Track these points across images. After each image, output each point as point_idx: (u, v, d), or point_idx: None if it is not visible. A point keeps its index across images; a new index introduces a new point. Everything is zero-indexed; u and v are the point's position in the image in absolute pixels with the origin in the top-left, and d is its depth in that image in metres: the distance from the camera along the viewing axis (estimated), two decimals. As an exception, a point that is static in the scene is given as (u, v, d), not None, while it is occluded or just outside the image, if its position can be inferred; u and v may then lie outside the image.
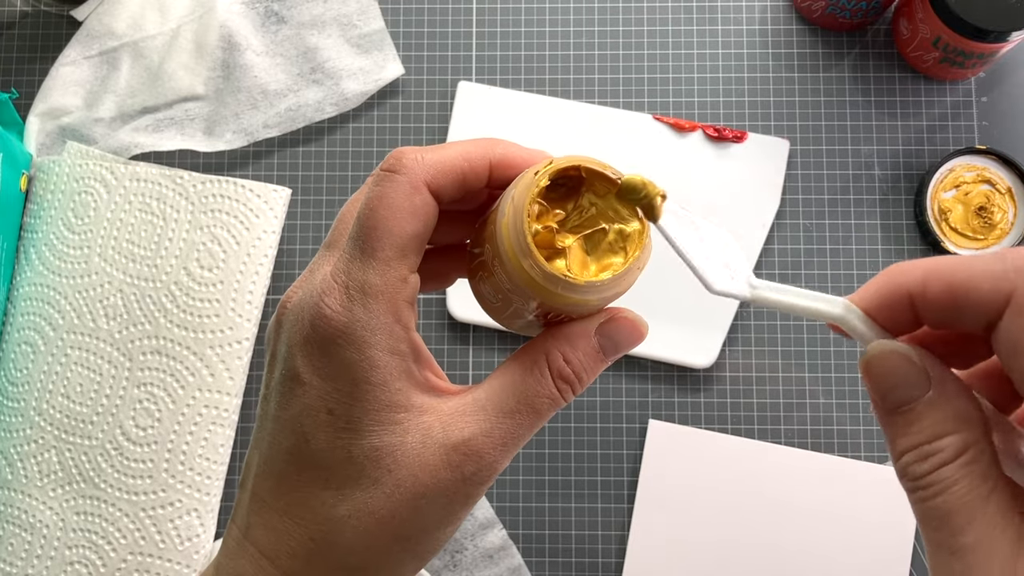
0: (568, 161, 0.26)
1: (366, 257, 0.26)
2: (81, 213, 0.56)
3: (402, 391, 0.26)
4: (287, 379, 0.27)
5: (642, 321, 0.29)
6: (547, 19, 0.59)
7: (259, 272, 0.54)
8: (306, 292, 0.27)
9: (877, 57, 0.58)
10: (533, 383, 0.27)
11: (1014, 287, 0.22)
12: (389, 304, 0.26)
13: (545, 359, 0.28)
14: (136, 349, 0.54)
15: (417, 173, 0.27)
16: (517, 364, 0.28)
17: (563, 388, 0.28)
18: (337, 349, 0.26)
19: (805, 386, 0.55)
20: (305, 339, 0.26)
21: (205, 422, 0.53)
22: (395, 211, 0.26)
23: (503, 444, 0.27)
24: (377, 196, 0.27)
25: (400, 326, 0.26)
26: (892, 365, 0.24)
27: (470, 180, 0.28)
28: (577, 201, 0.27)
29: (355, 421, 0.26)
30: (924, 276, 0.24)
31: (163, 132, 0.58)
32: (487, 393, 0.27)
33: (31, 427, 0.54)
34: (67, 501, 0.53)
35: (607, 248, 0.27)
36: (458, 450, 0.26)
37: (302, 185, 0.58)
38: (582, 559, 0.54)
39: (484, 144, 0.28)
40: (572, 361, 0.28)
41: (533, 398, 0.27)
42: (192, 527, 0.52)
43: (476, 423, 0.27)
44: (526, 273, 0.26)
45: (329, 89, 0.58)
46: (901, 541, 0.53)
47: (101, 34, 0.59)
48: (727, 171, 0.56)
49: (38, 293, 0.55)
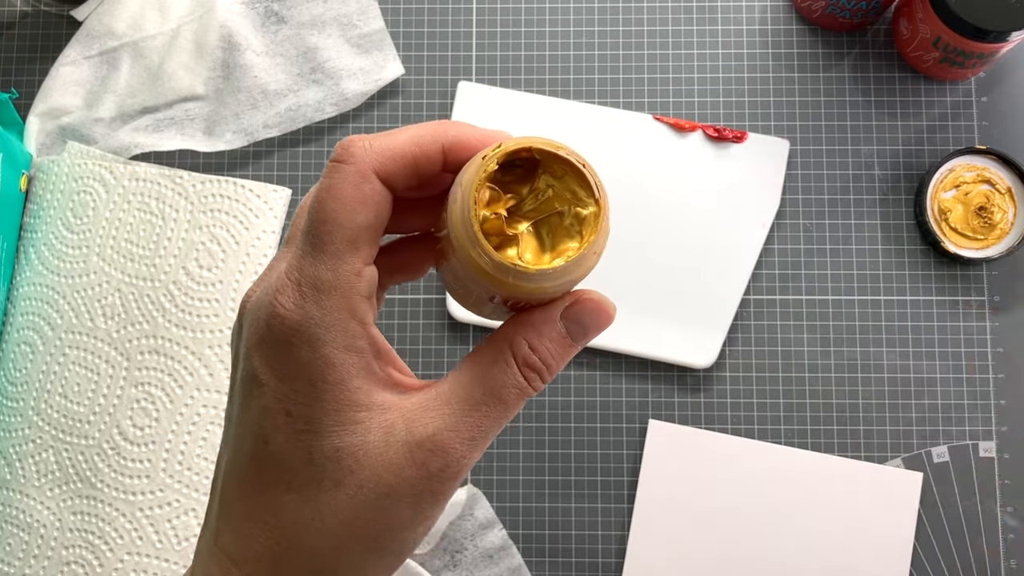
0: (518, 143, 0.25)
1: (317, 252, 0.26)
2: (80, 213, 0.56)
3: (361, 389, 0.26)
4: (246, 380, 0.27)
5: (608, 302, 0.28)
6: (547, 19, 0.59)
7: (258, 272, 0.54)
8: (263, 290, 0.27)
9: (877, 57, 0.58)
10: (499, 373, 0.27)
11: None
12: (343, 299, 0.26)
13: (510, 348, 0.27)
14: (134, 349, 0.53)
15: (365, 161, 0.26)
16: (482, 355, 0.27)
17: (530, 377, 0.27)
18: (292, 348, 0.25)
19: (805, 386, 0.55)
20: (261, 339, 0.26)
21: (203, 422, 0.53)
22: (343, 202, 0.26)
23: (471, 438, 0.26)
24: (325, 188, 0.26)
25: (356, 321, 0.26)
26: None
27: (422, 165, 0.27)
28: (533, 184, 0.26)
29: (314, 422, 0.26)
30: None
31: (163, 132, 0.58)
32: (452, 386, 0.27)
33: (29, 427, 0.54)
34: (64, 501, 0.53)
35: (563, 233, 0.26)
36: (423, 446, 0.26)
37: (302, 185, 0.58)
38: (582, 559, 0.54)
39: (435, 127, 0.27)
40: (538, 349, 0.27)
41: (500, 389, 0.27)
42: (189, 527, 0.52)
43: (441, 417, 0.26)
44: (475, 262, 0.25)
45: (329, 89, 0.58)
46: (901, 541, 0.52)
47: (101, 34, 0.59)
48: (727, 171, 0.56)
49: (37, 293, 0.55)
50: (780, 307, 0.56)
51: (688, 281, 0.55)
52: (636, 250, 0.56)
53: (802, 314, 0.56)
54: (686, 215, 0.56)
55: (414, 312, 0.56)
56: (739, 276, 0.55)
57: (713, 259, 0.55)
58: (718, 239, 0.56)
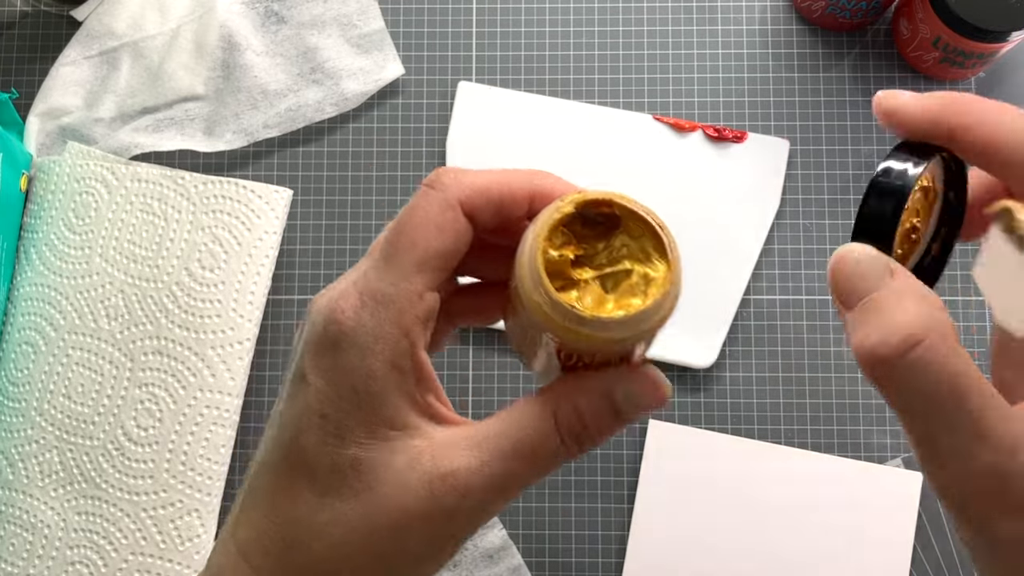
0: (598, 194, 0.25)
1: (386, 265, 0.26)
2: (82, 213, 0.56)
3: (397, 408, 0.26)
4: (295, 378, 0.27)
5: (665, 383, 0.27)
6: (547, 19, 0.59)
7: (260, 273, 0.54)
8: (329, 294, 0.27)
9: (877, 57, 0.58)
10: (537, 432, 0.26)
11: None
12: (398, 315, 0.26)
13: (555, 409, 0.26)
14: (137, 349, 0.54)
15: (452, 190, 0.27)
16: (527, 407, 0.26)
17: (569, 444, 0.26)
18: (341, 353, 0.26)
19: (805, 386, 0.55)
20: (315, 339, 0.26)
21: (206, 422, 0.53)
22: (422, 224, 0.26)
23: (493, 487, 0.26)
24: (409, 208, 0.27)
25: (406, 341, 0.26)
26: (854, 258, 0.24)
27: (507, 206, 0.27)
28: (609, 241, 0.26)
29: (345, 429, 0.26)
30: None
31: (163, 132, 0.58)
32: (487, 430, 0.26)
33: (32, 427, 0.54)
34: (68, 501, 0.53)
35: (628, 289, 0.26)
36: (444, 480, 0.25)
37: (302, 185, 0.58)
38: (582, 559, 0.54)
39: (526, 173, 0.28)
40: (584, 416, 0.26)
41: (534, 447, 0.26)
42: (193, 527, 0.52)
43: (467, 458, 0.26)
44: (535, 301, 0.25)
45: (329, 89, 0.58)
46: (901, 541, 0.53)
47: (101, 34, 0.59)
48: (727, 171, 0.56)
49: (39, 293, 0.55)
50: (780, 307, 0.56)
51: (688, 281, 0.55)
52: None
53: (802, 314, 0.56)
54: (686, 215, 0.56)
55: (415, 312, 0.56)
56: (739, 276, 0.55)
57: (713, 259, 0.56)
58: (718, 239, 0.56)
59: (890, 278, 0.24)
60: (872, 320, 0.23)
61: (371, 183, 0.58)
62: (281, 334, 0.57)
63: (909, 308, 0.23)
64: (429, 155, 0.58)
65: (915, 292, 0.23)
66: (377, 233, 0.59)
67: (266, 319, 0.56)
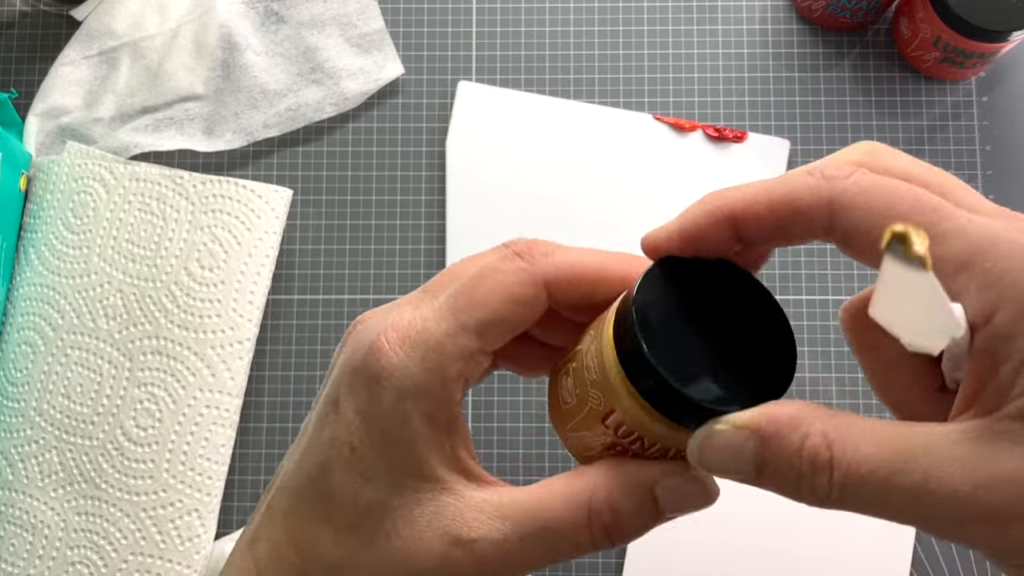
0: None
1: (448, 316, 0.25)
2: (81, 213, 0.56)
3: (427, 459, 0.25)
4: (329, 400, 0.26)
5: (715, 487, 0.25)
6: (547, 19, 0.59)
7: (260, 273, 0.54)
8: (379, 320, 0.26)
9: (877, 57, 0.58)
10: (565, 519, 0.24)
11: (830, 192, 0.23)
12: (444, 369, 0.25)
13: (589, 498, 0.25)
14: (136, 349, 0.54)
15: (540, 267, 0.25)
16: (562, 488, 0.25)
17: (599, 537, 0.25)
18: (378, 390, 0.25)
19: (805, 386, 0.55)
20: (355, 367, 0.25)
21: (206, 422, 0.53)
22: (498, 290, 0.25)
23: (510, 564, 0.24)
24: (491, 268, 0.25)
25: (446, 395, 0.25)
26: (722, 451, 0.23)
27: (599, 292, 0.26)
28: None
29: (371, 470, 0.25)
30: (745, 199, 0.24)
31: (162, 132, 0.58)
32: (516, 504, 0.25)
33: (31, 427, 0.54)
34: (68, 501, 0.53)
35: None
36: (463, 547, 0.24)
37: (302, 185, 0.58)
38: (582, 559, 0.54)
39: (625, 259, 0.27)
40: (619, 510, 0.24)
41: (561, 537, 0.24)
42: (193, 527, 0.52)
43: (491, 529, 0.25)
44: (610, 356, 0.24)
45: (329, 89, 0.58)
46: (901, 541, 0.53)
47: (100, 34, 0.59)
48: (727, 171, 0.56)
49: (38, 293, 0.55)
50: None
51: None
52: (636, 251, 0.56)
53: (802, 314, 0.56)
54: (686, 215, 0.56)
55: (415, 312, 0.56)
56: (739, 276, 0.55)
57: (713, 259, 0.56)
58: (718, 239, 0.56)
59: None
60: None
61: (371, 183, 0.58)
62: (281, 334, 0.57)
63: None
64: (429, 155, 0.58)
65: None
66: (377, 233, 0.59)
67: (266, 319, 0.56)
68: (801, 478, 0.22)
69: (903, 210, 0.22)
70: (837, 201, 0.23)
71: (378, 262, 0.57)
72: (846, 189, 0.23)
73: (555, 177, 0.57)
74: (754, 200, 0.24)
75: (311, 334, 0.57)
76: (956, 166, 0.57)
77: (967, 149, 0.57)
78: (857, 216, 0.22)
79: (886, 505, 0.21)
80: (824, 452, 0.21)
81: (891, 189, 0.22)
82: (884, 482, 0.20)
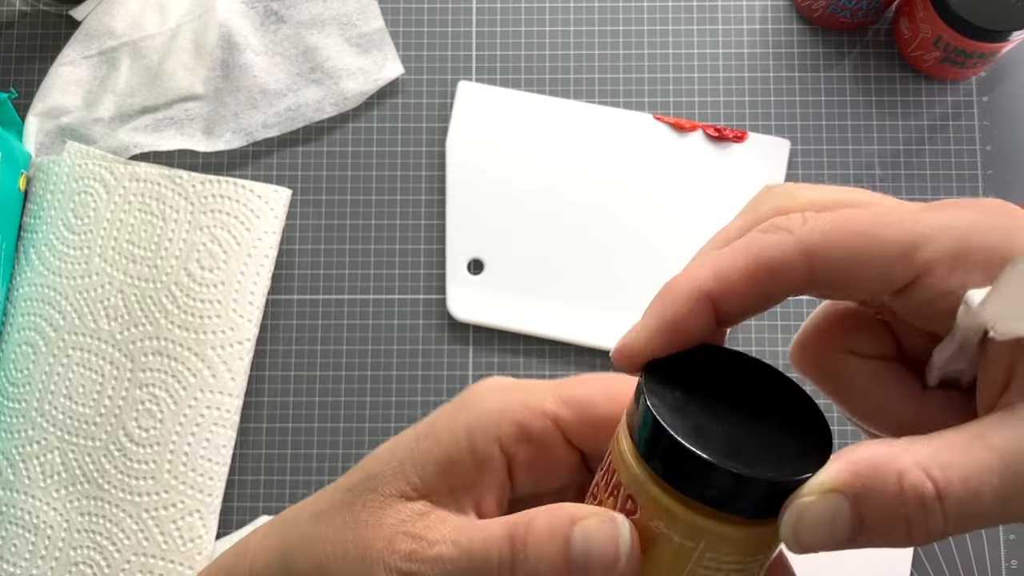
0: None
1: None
2: (81, 213, 0.56)
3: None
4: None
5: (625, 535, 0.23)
6: (547, 19, 0.59)
7: (260, 273, 0.54)
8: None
9: (878, 57, 0.58)
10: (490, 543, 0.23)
11: (798, 242, 0.22)
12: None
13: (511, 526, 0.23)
14: (137, 350, 0.54)
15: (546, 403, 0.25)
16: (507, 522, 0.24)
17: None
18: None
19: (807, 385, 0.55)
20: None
21: (207, 423, 0.53)
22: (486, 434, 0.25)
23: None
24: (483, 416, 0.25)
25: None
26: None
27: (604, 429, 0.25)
28: None
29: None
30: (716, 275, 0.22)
31: (162, 132, 0.58)
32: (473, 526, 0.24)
33: (33, 428, 0.54)
34: (71, 502, 0.53)
35: None
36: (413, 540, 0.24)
37: (302, 185, 0.58)
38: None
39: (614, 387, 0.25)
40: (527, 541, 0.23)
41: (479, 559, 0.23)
42: (194, 528, 0.52)
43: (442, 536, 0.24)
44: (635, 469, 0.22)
45: (328, 89, 0.58)
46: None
47: (100, 34, 0.59)
48: (727, 171, 0.56)
49: (38, 294, 0.55)
50: (780, 307, 0.56)
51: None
52: (636, 251, 0.56)
53: (802, 314, 0.56)
54: (686, 215, 0.56)
55: (414, 312, 0.57)
56: (739, 276, 0.55)
57: (713, 259, 0.56)
58: (718, 239, 0.56)
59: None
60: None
61: (371, 183, 0.58)
62: (281, 334, 0.57)
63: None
64: (429, 155, 0.58)
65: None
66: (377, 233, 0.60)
67: (266, 319, 0.56)
68: (912, 523, 0.20)
69: (875, 233, 0.21)
70: (810, 248, 0.22)
71: (378, 262, 0.57)
72: (811, 234, 0.22)
73: (555, 177, 0.57)
74: (726, 273, 0.22)
75: (311, 334, 0.57)
76: (956, 166, 0.57)
77: (967, 149, 0.57)
78: (837, 255, 0.21)
79: (1007, 511, 0.20)
80: (928, 486, 0.19)
81: (852, 219, 0.22)
82: (1000, 490, 0.19)
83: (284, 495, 0.55)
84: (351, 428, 0.56)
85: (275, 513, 0.55)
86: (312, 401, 0.56)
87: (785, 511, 0.21)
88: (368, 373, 0.56)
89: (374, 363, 0.56)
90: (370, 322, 0.57)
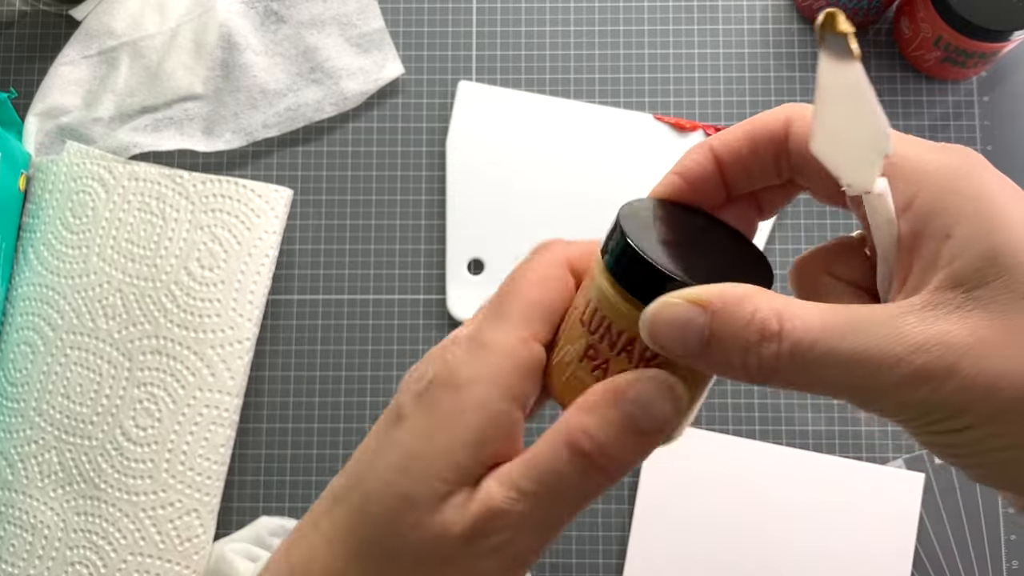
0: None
1: (494, 314, 0.27)
2: (80, 213, 0.56)
3: (467, 469, 0.25)
4: (390, 412, 0.27)
5: (679, 384, 0.25)
6: (547, 19, 0.59)
7: (260, 272, 0.54)
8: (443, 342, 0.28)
9: (878, 57, 0.58)
10: (550, 459, 0.24)
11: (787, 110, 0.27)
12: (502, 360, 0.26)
13: (565, 428, 0.25)
14: (136, 349, 0.54)
15: (561, 250, 0.28)
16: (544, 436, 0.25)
17: (582, 466, 0.24)
18: (439, 392, 0.26)
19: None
20: (419, 377, 0.27)
21: (205, 422, 0.53)
22: (529, 278, 0.27)
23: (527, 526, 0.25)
24: (520, 265, 0.28)
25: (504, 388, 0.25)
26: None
27: None
28: None
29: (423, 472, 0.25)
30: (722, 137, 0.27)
31: (162, 132, 0.58)
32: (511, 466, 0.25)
33: (31, 427, 0.54)
34: (68, 501, 0.53)
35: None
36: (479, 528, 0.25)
37: (302, 185, 0.58)
38: (582, 560, 0.54)
39: None
40: (592, 432, 0.24)
41: (552, 480, 0.24)
42: (192, 527, 0.52)
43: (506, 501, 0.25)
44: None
45: (329, 89, 0.58)
46: (903, 542, 0.53)
47: (100, 33, 0.59)
48: (728, 171, 0.56)
49: (37, 293, 0.55)
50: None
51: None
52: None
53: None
54: (687, 215, 0.56)
55: (414, 312, 0.56)
56: (740, 276, 0.55)
57: (714, 259, 0.55)
58: (719, 239, 0.56)
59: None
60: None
61: (371, 183, 0.58)
62: (281, 334, 0.57)
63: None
64: (429, 155, 0.58)
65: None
66: (377, 233, 0.60)
67: (266, 319, 0.56)
68: (748, 349, 0.22)
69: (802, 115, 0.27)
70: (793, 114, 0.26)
71: (378, 262, 0.57)
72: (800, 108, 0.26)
73: (555, 177, 0.57)
74: (728, 133, 0.27)
75: (311, 334, 0.56)
76: (957, 166, 0.57)
77: (968, 149, 0.57)
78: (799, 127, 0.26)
79: (827, 374, 0.22)
80: (773, 323, 0.22)
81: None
82: (828, 352, 0.22)
83: (283, 495, 0.55)
84: (351, 428, 0.56)
85: (275, 513, 0.54)
86: (312, 401, 0.56)
87: (652, 303, 0.24)
88: (368, 373, 0.56)
89: (374, 363, 0.56)
90: (370, 322, 0.57)
